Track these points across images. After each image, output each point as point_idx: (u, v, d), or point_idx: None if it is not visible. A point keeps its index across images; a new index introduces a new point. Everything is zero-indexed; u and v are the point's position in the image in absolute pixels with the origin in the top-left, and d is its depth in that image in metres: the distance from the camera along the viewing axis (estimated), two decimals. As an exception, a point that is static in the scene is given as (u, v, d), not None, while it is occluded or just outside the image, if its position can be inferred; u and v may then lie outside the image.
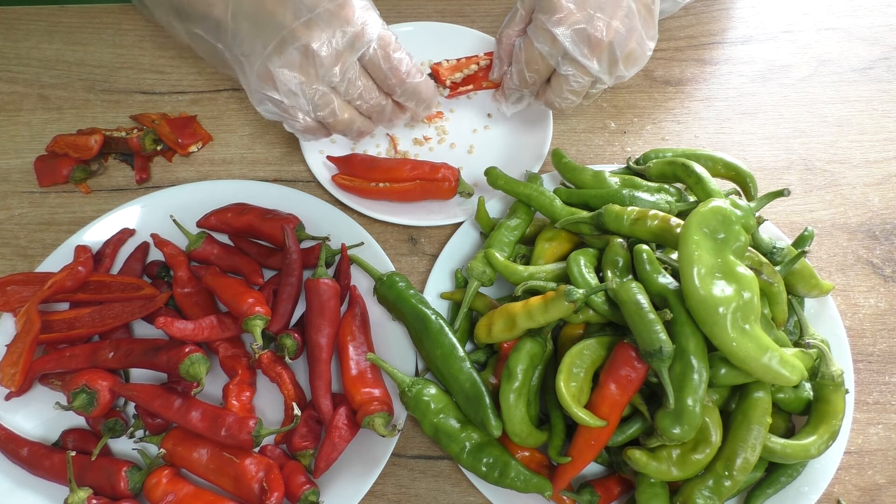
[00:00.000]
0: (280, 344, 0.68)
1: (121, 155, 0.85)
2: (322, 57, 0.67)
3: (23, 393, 0.68)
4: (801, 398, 0.65)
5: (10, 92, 0.89)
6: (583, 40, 0.70)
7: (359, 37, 0.68)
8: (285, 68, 0.68)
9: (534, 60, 0.74)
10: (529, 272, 0.68)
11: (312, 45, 0.67)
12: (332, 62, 0.68)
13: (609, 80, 0.75)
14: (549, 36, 0.71)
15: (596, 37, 0.70)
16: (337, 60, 0.68)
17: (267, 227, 0.75)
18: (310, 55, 0.67)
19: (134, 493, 0.62)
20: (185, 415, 0.63)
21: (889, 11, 0.98)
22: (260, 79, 0.70)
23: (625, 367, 0.60)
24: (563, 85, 0.75)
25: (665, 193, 0.73)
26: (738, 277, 0.57)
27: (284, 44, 0.68)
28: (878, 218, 0.82)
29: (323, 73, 0.69)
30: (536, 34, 0.72)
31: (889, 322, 0.76)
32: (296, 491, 0.62)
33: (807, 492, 0.64)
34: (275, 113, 0.74)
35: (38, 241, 0.79)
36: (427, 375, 0.69)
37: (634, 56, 0.74)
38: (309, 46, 0.67)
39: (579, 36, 0.70)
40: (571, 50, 0.71)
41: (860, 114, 0.89)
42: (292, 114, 0.72)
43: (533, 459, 0.65)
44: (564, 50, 0.71)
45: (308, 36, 0.67)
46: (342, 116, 0.73)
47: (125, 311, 0.69)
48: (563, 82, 0.75)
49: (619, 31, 0.71)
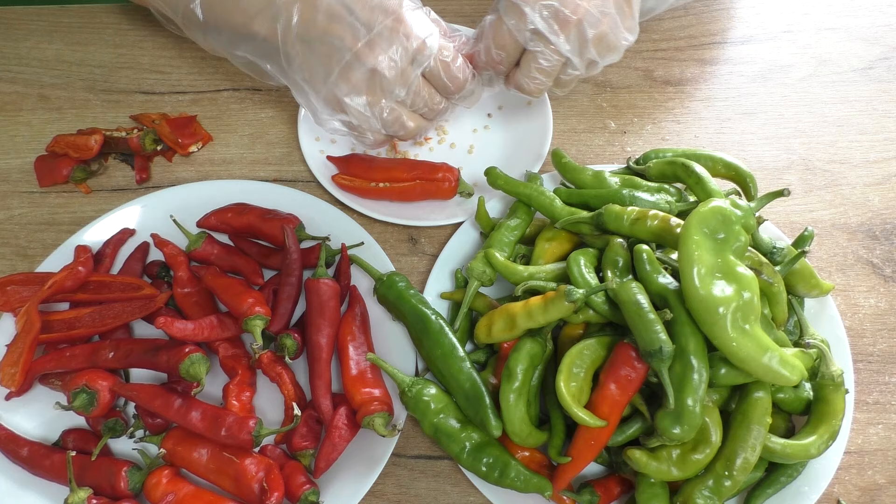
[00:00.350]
0: (280, 344, 0.68)
1: (121, 155, 0.85)
2: (388, 77, 0.68)
3: (23, 393, 0.68)
4: (801, 398, 0.65)
5: (10, 92, 0.89)
6: (552, 16, 0.69)
7: (420, 51, 0.69)
8: (353, 94, 0.69)
9: (502, 36, 0.72)
10: (529, 272, 0.68)
11: (379, 68, 0.68)
12: (398, 80, 0.69)
13: (580, 64, 0.73)
14: (517, 11, 0.70)
15: (565, 13, 0.69)
16: (402, 77, 0.69)
17: (267, 227, 0.75)
18: (376, 76, 0.68)
19: (134, 493, 0.62)
20: (185, 415, 0.63)
21: (889, 11, 0.98)
22: (328, 105, 0.71)
23: (625, 367, 0.60)
24: (531, 63, 0.73)
25: (665, 193, 0.73)
26: (738, 277, 0.57)
27: (350, 69, 0.68)
28: (878, 218, 0.82)
29: (389, 90, 0.69)
30: (506, 10, 0.71)
31: (889, 322, 0.76)
32: (296, 491, 0.62)
33: (807, 492, 0.64)
34: (344, 132, 0.75)
35: (38, 241, 0.79)
36: (427, 375, 0.69)
37: (607, 41, 0.72)
38: (375, 69, 0.68)
39: (549, 11, 0.69)
40: (540, 25, 0.69)
41: (860, 114, 0.90)
42: (362, 132, 0.74)
43: (533, 459, 0.65)
44: (533, 25, 0.70)
45: (373, 58, 0.68)
46: (409, 126, 0.74)
47: (125, 311, 0.70)
48: (531, 60, 0.73)
49: (590, 11, 0.70)
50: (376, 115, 0.71)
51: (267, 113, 0.89)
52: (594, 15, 0.70)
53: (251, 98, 0.90)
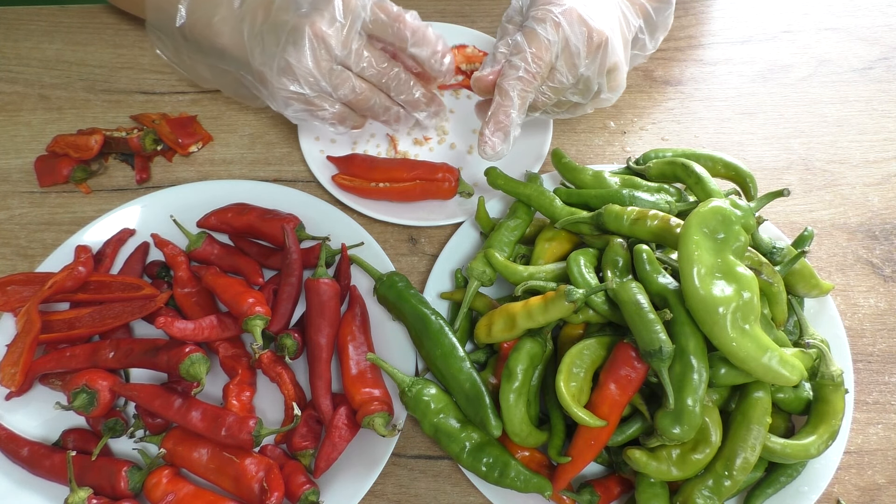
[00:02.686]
0: (280, 344, 0.68)
1: (121, 155, 0.85)
2: (328, 36, 0.70)
3: (23, 393, 0.68)
4: (801, 398, 0.65)
5: (10, 92, 0.89)
6: (582, 33, 0.69)
7: (352, 7, 0.71)
8: (301, 58, 0.71)
9: (541, 48, 0.69)
10: (529, 272, 0.68)
11: (318, 28, 0.70)
12: (338, 38, 0.71)
13: (583, 94, 0.74)
14: (553, 22, 0.68)
15: (596, 30, 0.69)
16: (341, 35, 0.71)
17: (267, 227, 0.75)
18: (318, 38, 0.70)
19: (134, 493, 0.62)
20: (186, 415, 0.63)
21: (889, 11, 0.98)
22: (280, 74, 0.72)
23: (625, 367, 0.60)
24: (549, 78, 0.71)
25: (665, 193, 0.73)
26: (738, 277, 0.57)
27: (294, 35, 0.71)
28: (877, 218, 0.82)
29: (333, 51, 0.71)
30: (541, 22, 0.69)
31: (889, 322, 0.76)
32: (296, 491, 0.62)
33: (807, 492, 0.64)
34: (303, 110, 0.76)
35: (38, 241, 0.79)
36: (427, 375, 0.69)
37: (616, 77, 0.74)
38: (315, 30, 0.70)
39: (581, 26, 0.69)
40: (572, 37, 0.69)
41: (860, 114, 0.90)
42: (318, 104, 0.75)
43: (533, 459, 0.65)
44: (566, 38, 0.69)
45: (310, 22, 0.70)
46: (362, 93, 0.75)
47: (125, 311, 0.70)
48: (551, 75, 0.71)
49: (613, 43, 0.71)
50: (325, 78, 0.73)
51: (267, 113, 0.89)
52: (617, 50, 0.72)
53: (251, 98, 0.90)
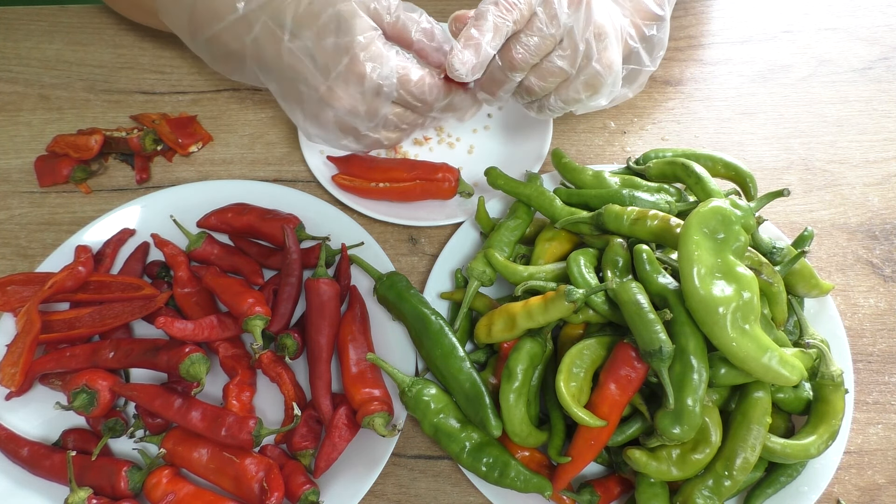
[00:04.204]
0: (280, 344, 0.68)
1: (121, 155, 0.85)
2: (357, 116, 0.72)
3: (23, 393, 0.68)
4: (801, 398, 0.65)
5: (10, 92, 0.89)
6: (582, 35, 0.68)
7: (380, 87, 0.70)
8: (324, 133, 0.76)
9: None
10: (529, 272, 0.68)
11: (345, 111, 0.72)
12: (366, 117, 0.73)
13: (570, 60, 0.69)
14: None
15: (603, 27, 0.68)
16: (370, 113, 0.72)
17: (267, 227, 0.75)
18: (346, 117, 0.73)
19: (134, 493, 0.62)
20: (186, 415, 0.63)
21: (889, 11, 0.98)
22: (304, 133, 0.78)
23: (625, 367, 0.60)
24: (548, 64, 0.69)
25: (665, 193, 0.73)
26: (738, 277, 0.57)
27: (319, 111, 0.73)
28: (877, 218, 0.82)
29: (360, 126, 0.74)
30: None
31: (889, 322, 0.76)
32: (296, 491, 0.62)
33: (806, 492, 0.64)
34: None
35: (38, 241, 0.79)
36: (427, 375, 0.69)
37: (608, 51, 0.70)
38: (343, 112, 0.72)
39: None
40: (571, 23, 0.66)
41: (860, 114, 0.90)
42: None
43: (533, 459, 0.65)
44: None
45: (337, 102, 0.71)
46: (387, 141, 0.78)
47: (125, 311, 0.70)
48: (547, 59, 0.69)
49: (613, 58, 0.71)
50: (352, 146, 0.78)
51: (267, 113, 0.89)
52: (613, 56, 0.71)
53: (251, 98, 0.90)
